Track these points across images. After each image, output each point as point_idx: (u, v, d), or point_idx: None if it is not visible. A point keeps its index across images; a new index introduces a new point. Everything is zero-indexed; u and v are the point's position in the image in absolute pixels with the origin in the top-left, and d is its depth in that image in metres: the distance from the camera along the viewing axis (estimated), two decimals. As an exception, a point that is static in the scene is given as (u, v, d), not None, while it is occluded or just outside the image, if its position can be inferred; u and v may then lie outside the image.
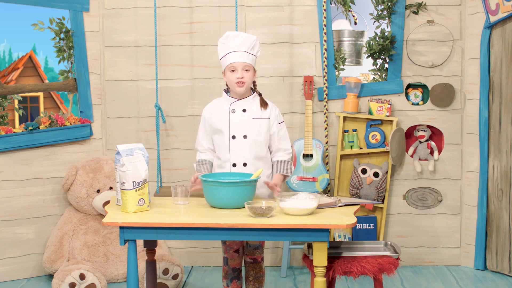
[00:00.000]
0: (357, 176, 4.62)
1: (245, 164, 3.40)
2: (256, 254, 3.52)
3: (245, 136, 3.40)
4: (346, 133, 4.69)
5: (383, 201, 4.68)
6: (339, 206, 3.25)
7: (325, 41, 4.64)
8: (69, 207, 4.55)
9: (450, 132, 4.73)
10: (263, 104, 3.45)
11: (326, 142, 4.70)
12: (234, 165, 3.41)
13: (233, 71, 3.36)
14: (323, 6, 4.61)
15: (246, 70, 3.36)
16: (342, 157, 4.72)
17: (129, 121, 4.76)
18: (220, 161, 3.47)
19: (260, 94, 3.49)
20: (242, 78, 3.35)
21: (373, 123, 4.67)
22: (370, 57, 4.74)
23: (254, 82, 3.50)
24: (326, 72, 4.66)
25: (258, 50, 3.43)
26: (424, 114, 4.72)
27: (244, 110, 3.42)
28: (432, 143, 4.74)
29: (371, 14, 4.75)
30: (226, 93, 3.48)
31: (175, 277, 4.16)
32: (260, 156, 3.43)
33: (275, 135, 3.46)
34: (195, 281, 4.45)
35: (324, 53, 4.65)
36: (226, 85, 3.50)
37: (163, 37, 4.69)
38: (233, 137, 3.40)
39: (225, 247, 3.50)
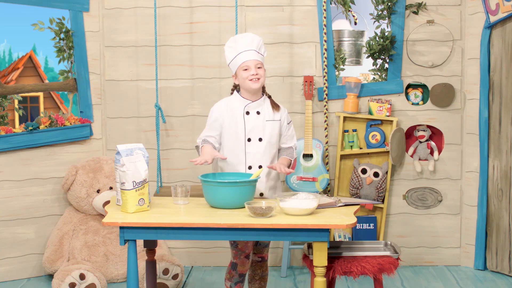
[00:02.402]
0: (357, 176, 4.62)
1: (260, 167, 3.40)
2: (264, 252, 3.54)
3: (260, 139, 3.40)
4: (346, 133, 4.69)
5: (383, 201, 4.68)
6: (339, 206, 3.25)
7: (325, 41, 4.64)
8: (69, 207, 4.55)
9: (450, 132, 4.73)
10: (275, 106, 3.46)
11: (326, 142, 4.70)
12: (250, 167, 3.40)
13: (246, 69, 3.35)
14: (323, 6, 4.61)
15: (259, 68, 3.36)
16: (342, 157, 4.72)
17: (129, 121, 4.76)
18: (232, 166, 3.42)
19: (270, 96, 3.49)
20: (256, 74, 3.35)
21: (373, 123, 4.67)
22: (370, 57, 4.74)
23: (264, 86, 3.49)
24: (326, 72, 4.66)
25: (265, 51, 3.45)
26: (424, 114, 4.72)
27: (258, 113, 3.41)
28: (432, 143, 4.74)
29: (371, 14, 4.75)
30: (238, 93, 3.46)
31: (175, 277, 4.16)
32: (274, 159, 3.45)
33: (282, 136, 3.49)
34: (195, 281, 4.45)
35: (324, 53, 4.65)
36: (234, 85, 3.49)
37: (163, 37, 4.69)
38: (249, 139, 3.39)
39: (236, 252, 3.44)
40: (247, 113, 3.41)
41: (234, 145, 3.41)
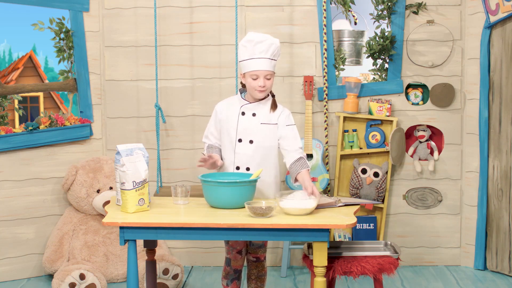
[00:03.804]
0: (357, 176, 4.62)
1: (248, 169, 3.38)
2: (259, 253, 3.52)
3: (251, 141, 3.37)
4: (346, 133, 4.69)
5: (383, 201, 4.68)
6: (339, 206, 3.25)
7: (325, 41, 4.64)
8: (69, 207, 4.55)
9: (450, 132, 4.73)
10: (273, 106, 3.41)
11: (326, 142, 4.70)
12: (238, 168, 3.39)
13: (255, 79, 3.31)
14: (323, 6, 4.61)
15: (268, 79, 3.32)
16: (342, 157, 4.72)
17: (129, 121, 4.76)
18: (223, 165, 3.45)
19: (273, 96, 3.44)
20: (264, 86, 3.31)
21: (373, 123, 4.67)
22: (370, 57, 4.74)
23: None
24: (326, 72, 4.66)
25: (280, 55, 3.39)
26: (424, 114, 4.72)
27: (254, 114, 3.38)
28: (432, 143, 4.74)
29: (371, 14, 4.75)
30: (241, 93, 3.44)
31: (175, 277, 4.16)
32: (264, 161, 3.39)
33: (282, 139, 3.40)
34: (195, 281, 4.45)
35: (324, 53, 4.65)
36: (241, 84, 3.45)
37: (163, 37, 4.69)
38: (240, 140, 3.38)
39: (228, 248, 3.49)
40: (243, 113, 3.39)
41: (226, 144, 3.42)
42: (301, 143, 3.42)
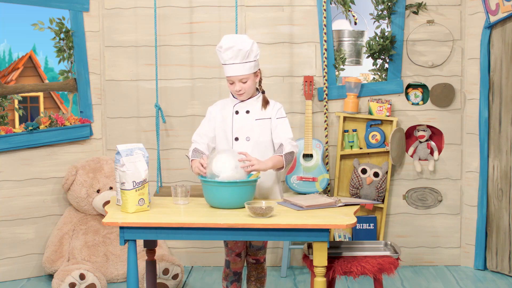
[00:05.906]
0: (357, 176, 4.62)
1: None
2: (259, 255, 3.52)
3: (247, 138, 3.38)
4: (346, 133, 4.70)
5: (383, 201, 4.68)
6: (339, 206, 3.25)
7: (325, 41, 4.64)
8: (69, 207, 4.55)
9: (450, 132, 4.73)
10: (264, 103, 3.43)
11: (326, 142, 4.70)
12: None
13: (231, 83, 3.34)
14: (323, 6, 4.61)
15: (244, 82, 3.33)
16: (342, 157, 4.72)
17: (129, 121, 4.76)
18: None
19: (263, 92, 3.46)
20: (240, 90, 3.33)
21: (373, 123, 4.67)
22: (370, 57, 4.74)
23: (260, 81, 3.47)
24: (326, 72, 4.66)
25: (257, 54, 3.34)
26: (424, 114, 4.72)
27: (247, 112, 3.39)
28: (432, 143, 4.74)
29: (371, 14, 4.75)
30: (233, 95, 3.46)
31: (175, 277, 4.16)
32: (263, 157, 3.39)
33: (272, 131, 3.41)
34: (195, 281, 4.45)
35: (324, 53, 4.65)
36: None
37: (163, 37, 4.69)
38: (236, 139, 3.39)
39: (227, 250, 3.48)
40: (237, 112, 3.40)
41: (223, 145, 3.41)
42: (291, 134, 3.41)
